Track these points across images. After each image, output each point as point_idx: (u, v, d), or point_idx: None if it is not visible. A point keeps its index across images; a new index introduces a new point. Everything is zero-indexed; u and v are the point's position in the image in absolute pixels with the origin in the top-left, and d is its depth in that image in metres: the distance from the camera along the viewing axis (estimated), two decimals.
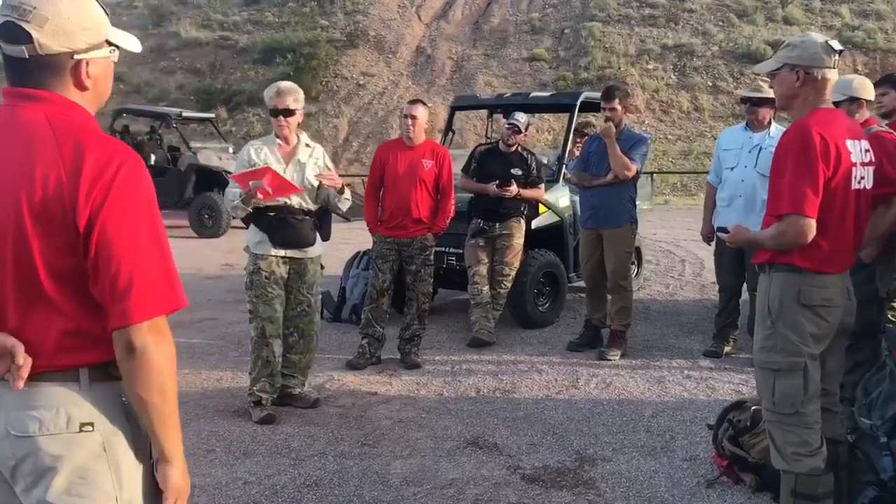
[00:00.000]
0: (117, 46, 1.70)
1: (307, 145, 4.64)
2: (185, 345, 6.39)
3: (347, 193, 4.65)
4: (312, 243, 4.59)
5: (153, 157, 14.76)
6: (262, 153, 4.53)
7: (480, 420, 4.65)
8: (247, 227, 4.60)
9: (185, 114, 15.80)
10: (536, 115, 25.07)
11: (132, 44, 1.76)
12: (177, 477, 1.68)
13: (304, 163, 4.54)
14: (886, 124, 4.37)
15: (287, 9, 37.30)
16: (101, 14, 1.64)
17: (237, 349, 6.10)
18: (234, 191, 4.42)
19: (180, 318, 7.33)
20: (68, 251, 1.52)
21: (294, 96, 4.50)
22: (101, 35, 1.64)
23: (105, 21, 1.65)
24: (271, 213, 4.47)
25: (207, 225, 13.66)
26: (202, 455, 4.11)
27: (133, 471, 1.67)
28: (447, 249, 6.76)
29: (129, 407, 1.66)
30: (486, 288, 6.36)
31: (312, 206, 4.58)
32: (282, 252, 4.53)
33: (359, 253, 7.44)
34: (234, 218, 4.69)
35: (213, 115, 17.02)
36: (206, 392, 5.17)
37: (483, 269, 6.38)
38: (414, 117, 5.55)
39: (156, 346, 1.55)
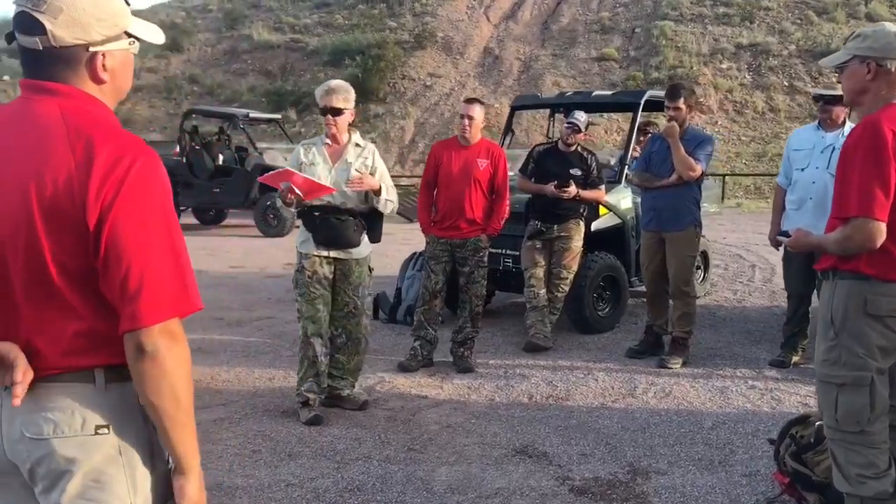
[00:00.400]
0: (138, 38, 1.64)
1: (357, 145, 4.57)
2: (241, 343, 6.43)
3: (391, 195, 4.54)
4: (356, 244, 4.52)
5: (221, 157, 15.04)
6: (311, 153, 4.49)
7: (531, 428, 4.51)
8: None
9: (253, 115, 16.03)
10: (606, 115, 24.75)
11: (154, 35, 1.69)
12: (192, 490, 1.60)
13: (351, 163, 4.47)
14: None
15: (357, 11, 37.71)
16: (120, 5, 1.58)
17: (291, 348, 6.09)
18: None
19: (240, 316, 7.41)
20: (80, 250, 1.47)
21: (343, 95, 4.44)
22: (119, 27, 1.57)
23: (124, 12, 1.58)
24: (316, 213, 4.43)
25: (272, 224, 13.81)
26: (248, 455, 4.09)
27: (149, 476, 1.61)
28: (504, 251, 6.65)
29: (144, 411, 1.60)
30: (543, 291, 6.21)
31: (356, 206, 4.50)
32: (325, 252, 4.48)
33: (415, 254, 7.37)
34: (297, 218, 4.66)
35: (279, 116, 17.23)
36: (257, 391, 5.16)
37: (540, 272, 6.24)
38: (471, 118, 5.45)
39: (168, 349, 1.48)
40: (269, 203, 13.62)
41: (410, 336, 5.75)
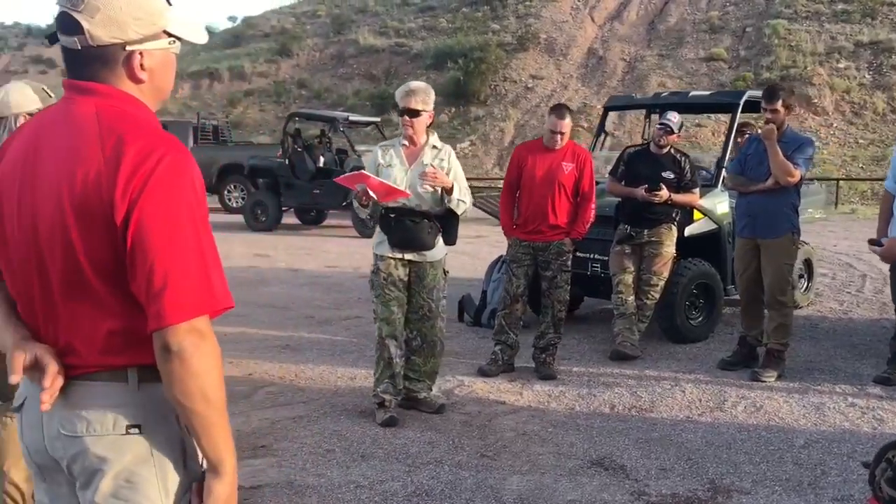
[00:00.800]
0: (179, 38, 1.62)
1: (434, 147, 4.55)
2: (328, 341, 6.52)
3: (464, 196, 4.49)
4: (430, 247, 4.48)
5: (322, 160, 15.34)
6: (389, 154, 4.50)
7: (610, 439, 4.37)
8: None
9: (353, 118, 16.28)
10: (713, 116, 23.96)
11: (196, 35, 1.66)
12: (222, 490, 1.55)
13: (427, 164, 4.45)
14: None
15: (460, 14, 37.92)
16: (158, 4, 1.56)
17: (374, 349, 6.12)
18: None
19: (329, 314, 7.52)
20: (111, 248, 1.47)
21: (422, 97, 4.43)
22: (157, 25, 1.56)
23: (162, 11, 1.57)
24: (391, 215, 4.44)
25: (369, 225, 13.90)
26: (321, 454, 4.12)
27: (180, 477, 1.59)
28: (592, 256, 6.50)
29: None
30: (632, 298, 6.04)
31: (431, 209, 4.47)
32: (399, 254, 4.47)
33: (501, 256, 7.29)
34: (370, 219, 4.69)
35: (378, 119, 17.44)
36: (337, 390, 5.21)
37: (628, 278, 6.06)
38: (562, 133, 5.34)
39: (195, 348, 1.45)
40: None
41: (492, 340, 5.68)
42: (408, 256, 4.48)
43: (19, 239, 1.55)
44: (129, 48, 1.54)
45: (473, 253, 11.60)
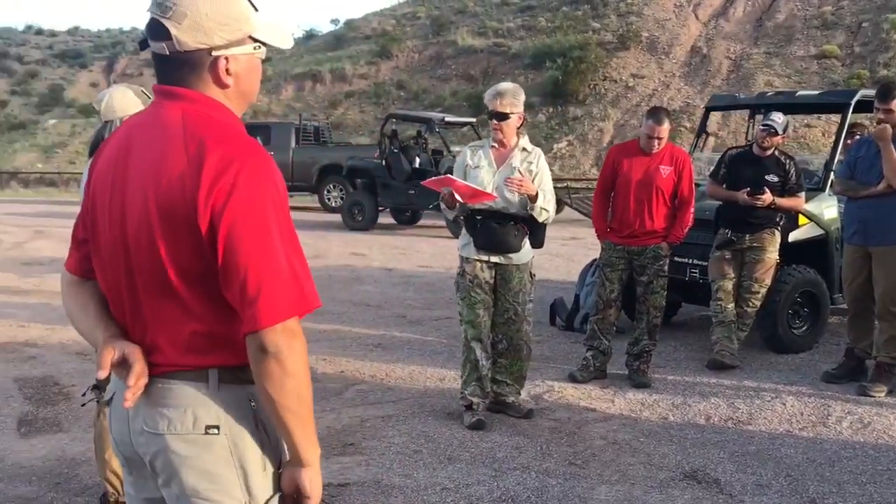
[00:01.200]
0: (264, 43, 1.65)
1: (524, 149, 4.50)
2: (419, 341, 6.56)
3: (548, 205, 4.41)
4: (516, 249, 4.43)
5: (418, 160, 15.47)
6: (477, 155, 4.48)
7: (704, 451, 4.23)
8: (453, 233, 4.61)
9: (449, 119, 16.34)
10: (824, 116, 22.93)
11: (281, 40, 1.68)
12: (307, 480, 1.59)
13: (516, 167, 4.40)
14: None
15: (560, 13, 37.61)
16: (244, 9, 1.59)
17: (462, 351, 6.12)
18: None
19: (421, 315, 7.57)
20: (194, 251, 1.50)
21: (510, 99, 4.38)
22: (243, 31, 1.59)
23: (247, 17, 1.59)
24: (478, 217, 4.41)
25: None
26: (409, 455, 4.13)
27: (261, 477, 1.62)
28: (690, 261, 6.31)
29: (257, 411, 1.62)
30: (731, 305, 5.82)
31: (519, 212, 4.42)
32: (485, 256, 4.44)
33: (595, 260, 7.16)
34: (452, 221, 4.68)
35: (474, 120, 17.43)
36: (426, 391, 5.23)
37: (728, 285, 5.85)
38: (660, 139, 5.19)
39: (290, 348, 1.48)
40: None
41: (583, 346, 5.59)
42: (493, 259, 4.45)
43: (109, 238, 1.61)
44: (214, 53, 1.57)
45: (568, 255, 11.46)
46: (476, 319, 4.46)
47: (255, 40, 1.63)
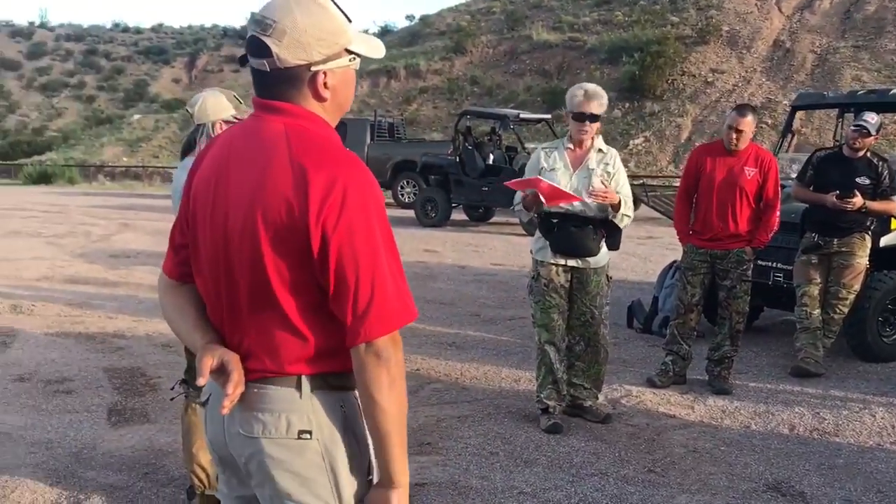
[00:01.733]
0: (358, 54, 1.67)
1: (600, 150, 4.43)
2: (493, 341, 6.55)
3: (629, 210, 4.34)
4: (594, 253, 4.37)
5: (491, 157, 15.45)
6: (552, 157, 4.42)
7: (789, 462, 4.10)
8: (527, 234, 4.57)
9: (523, 115, 16.26)
10: None
11: (374, 51, 1.71)
12: (398, 502, 1.62)
13: (593, 169, 4.34)
14: None
15: (637, 7, 37.07)
16: (340, 23, 1.62)
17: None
18: (518, 194, 4.39)
19: (494, 313, 7.56)
20: (299, 265, 1.55)
21: (600, 101, 4.33)
22: (339, 45, 1.62)
23: (343, 30, 1.62)
24: (554, 220, 4.36)
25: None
26: (485, 457, 4.13)
27: (350, 482, 1.65)
28: (774, 264, 6.13)
29: (348, 418, 1.65)
30: (817, 311, 5.64)
31: (596, 215, 4.36)
32: (561, 260, 4.39)
33: (675, 262, 7.03)
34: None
35: (549, 117, 17.32)
36: (501, 391, 5.22)
37: (814, 290, 5.67)
38: (740, 131, 5.05)
39: (396, 358, 1.56)
40: None
41: (663, 350, 5.49)
42: (570, 262, 4.40)
43: (210, 247, 1.65)
44: (313, 69, 1.60)
45: (645, 255, 11.29)
46: (550, 323, 4.43)
47: (350, 52, 1.65)
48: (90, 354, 5.99)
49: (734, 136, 5.05)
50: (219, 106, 3.23)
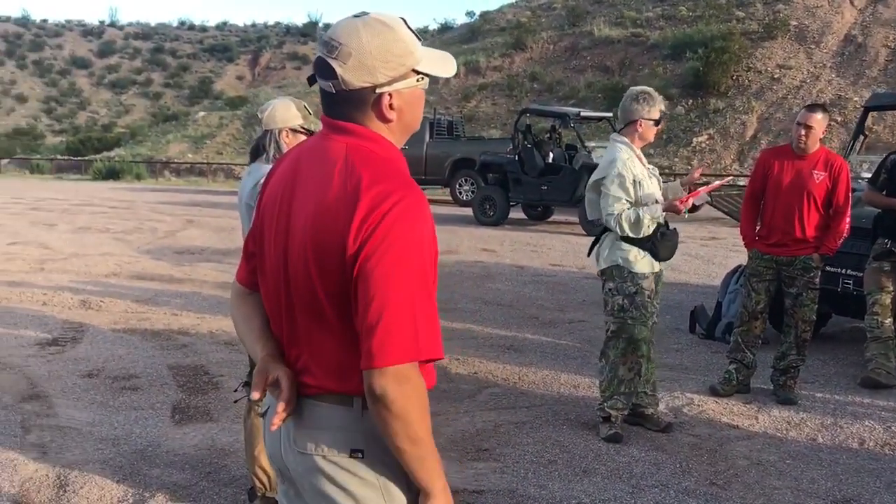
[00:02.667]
0: (427, 74, 1.66)
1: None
2: (551, 344, 6.50)
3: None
4: None
5: (551, 156, 15.35)
6: (637, 166, 4.31)
7: (858, 478, 3.97)
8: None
9: (584, 113, 16.12)
10: None
11: (444, 69, 1.69)
12: None
13: (654, 170, 4.35)
14: None
15: (702, 2, 36.36)
16: (407, 44, 1.61)
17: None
18: (654, 207, 4.25)
19: (553, 316, 7.50)
20: (344, 280, 1.53)
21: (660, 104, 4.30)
22: (406, 66, 1.61)
23: (411, 51, 1.61)
24: (663, 230, 4.34)
25: (597, 224, 13.80)
26: (543, 465, 4.09)
27: (402, 500, 1.65)
28: (844, 271, 5.94)
29: None
30: (889, 320, 5.44)
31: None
32: (657, 268, 4.36)
33: (740, 266, 6.87)
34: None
35: (610, 115, 17.06)
36: (560, 398, 5.17)
37: (886, 299, 5.47)
38: (809, 127, 4.90)
39: (397, 392, 1.48)
40: None
41: (726, 357, 5.37)
42: (659, 268, 4.39)
43: (273, 261, 1.67)
44: (378, 90, 1.60)
45: (707, 257, 11.09)
46: (649, 335, 4.39)
47: (418, 72, 1.64)
48: (155, 351, 6.13)
49: (803, 132, 4.91)
50: (287, 114, 3.27)
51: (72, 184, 30.53)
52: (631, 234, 4.23)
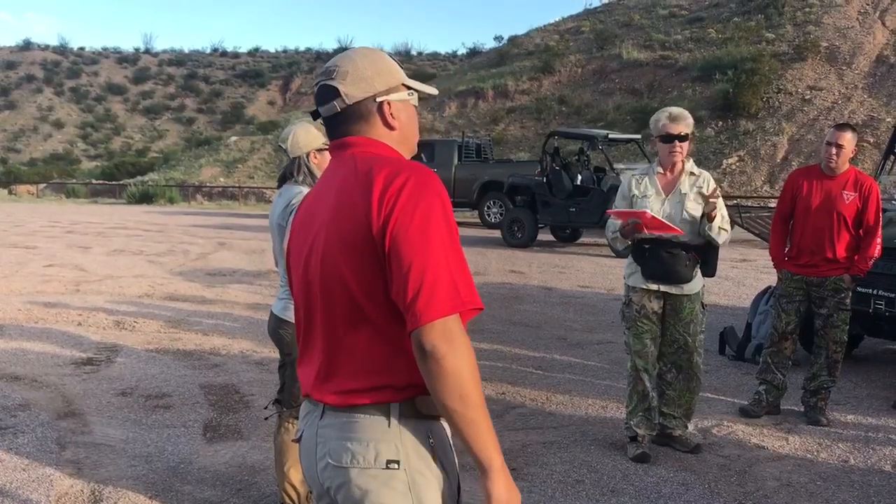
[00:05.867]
0: (415, 90, 1.80)
1: (692, 173, 4.36)
2: (579, 365, 6.49)
3: (726, 224, 4.24)
4: (688, 280, 4.28)
5: (579, 178, 15.36)
6: (643, 184, 4.38)
7: (891, 501, 3.91)
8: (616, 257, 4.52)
9: (612, 135, 16.14)
10: None
11: (428, 88, 1.85)
12: (498, 489, 1.58)
13: (686, 193, 4.27)
14: None
15: (731, 24, 36.29)
16: (393, 63, 1.78)
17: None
18: (615, 222, 4.34)
19: (581, 337, 7.49)
20: (377, 270, 1.58)
21: (687, 121, 4.28)
22: (396, 79, 1.76)
23: (398, 68, 1.78)
24: (646, 245, 4.30)
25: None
26: (571, 484, 4.09)
27: None
28: (876, 291, 5.88)
29: (436, 447, 1.67)
30: None
31: (690, 240, 4.27)
32: (654, 286, 4.32)
33: (770, 287, 6.83)
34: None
35: (639, 137, 17.08)
36: (588, 418, 5.16)
37: None
38: (840, 146, 4.89)
39: (449, 347, 1.51)
40: None
41: (756, 379, 5.33)
42: (663, 288, 4.33)
43: (301, 270, 1.76)
44: (378, 99, 1.74)
45: (738, 279, 10.99)
46: (643, 350, 4.37)
47: (408, 88, 1.78)
48: (187, 371, 6.22)
49: (833, 151, 4.90)
50: (309, 136, 3.35)
51: (107, 207, 31.08)
52: (611, 245, 4.43)
